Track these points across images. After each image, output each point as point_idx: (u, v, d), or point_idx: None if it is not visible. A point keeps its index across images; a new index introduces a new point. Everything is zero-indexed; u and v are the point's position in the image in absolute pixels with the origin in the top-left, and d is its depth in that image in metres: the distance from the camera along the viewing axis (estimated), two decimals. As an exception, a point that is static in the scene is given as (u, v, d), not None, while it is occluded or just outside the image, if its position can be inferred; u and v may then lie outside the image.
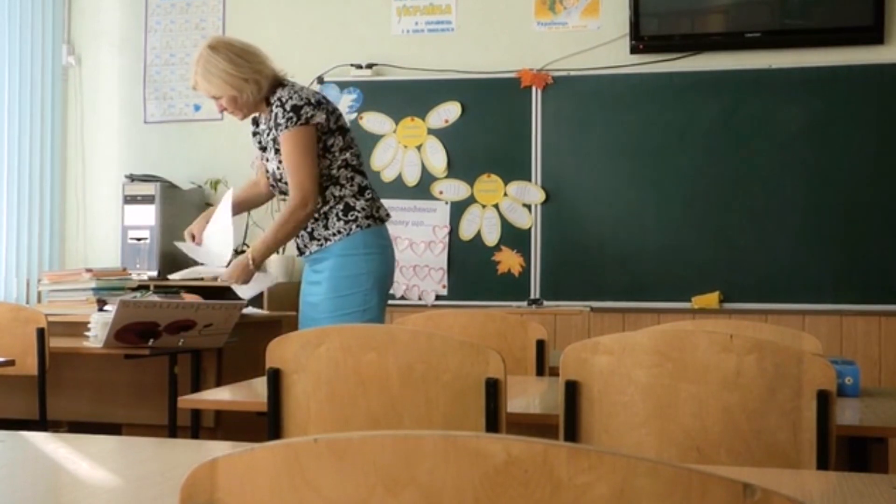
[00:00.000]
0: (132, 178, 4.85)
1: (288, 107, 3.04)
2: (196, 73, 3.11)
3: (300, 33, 4.98)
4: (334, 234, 3.09)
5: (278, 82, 3.14)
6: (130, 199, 4.76)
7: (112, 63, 5.26)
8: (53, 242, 5.11)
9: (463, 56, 4.78)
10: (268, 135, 3.16)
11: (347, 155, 3.14)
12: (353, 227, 3.09)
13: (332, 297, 3.08)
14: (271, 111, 3.10)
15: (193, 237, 3.21)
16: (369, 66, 4.83)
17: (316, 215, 3.10)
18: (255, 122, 3.31)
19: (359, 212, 3.11)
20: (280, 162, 3.09)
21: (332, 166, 3.09)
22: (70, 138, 5.28)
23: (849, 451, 1.85)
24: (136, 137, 5.19)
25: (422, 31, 4.88)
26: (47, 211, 5.06)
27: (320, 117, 3.05)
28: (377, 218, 3.15)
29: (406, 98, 4.77)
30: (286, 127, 3.03)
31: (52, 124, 5.11)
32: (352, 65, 4.85)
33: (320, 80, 4.83)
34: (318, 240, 3.11)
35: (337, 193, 3.10)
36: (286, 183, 3.09)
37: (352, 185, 3.13)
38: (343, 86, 4.83)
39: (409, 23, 4.89)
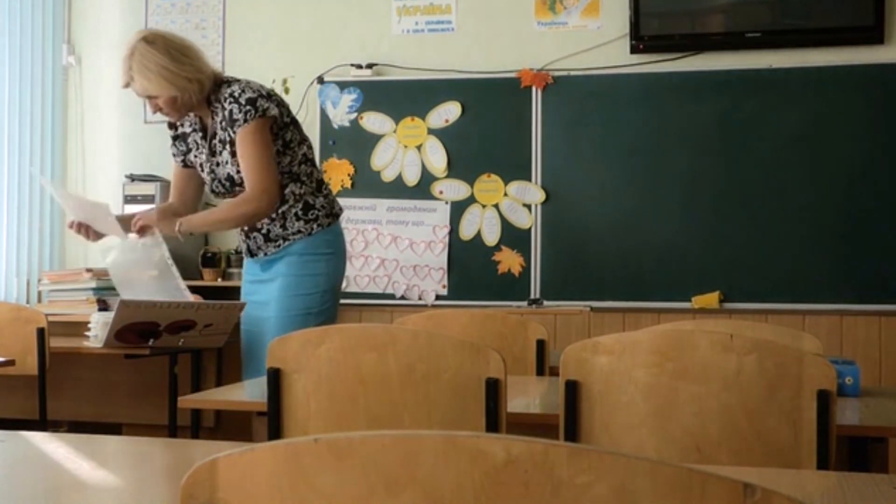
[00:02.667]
0: (132, 178, 4.85)
1: (243, 101, 2.87)
2: (130, 70, 2.87)
3: (300, 33, 4.98)
4: (294, 234, 2.98)
5: (219, 80, 2.97)
6: (130, 199, 4.75)
7: (112, 63, 5.25)
8: (53, 242, 5.11)
9: (463, 56, 4.78)
10: (214, 138, 2.99)
11: (305, 148, 3.05)
12: (314, 226, 2.99)
13: (288, 295, 2.97)
14: (216, 111, 2.95)
15: (83, 226, 3.01)
16: (369, 66, 4.83)
17: (273, 215, 2.97)
18: (173, 126, 3.12)
19: (319, 210, 3.01)
20: (235, 163, 2.93)
21: (293, 162, 2.99)
22: (70, 138, 5.28)
23: (849, 451, 1.85)
24: (136, 137, 5.19)
25: (422, 31, 4.88)
26: (47, 211, 5.06)
27: (274, 110, 2.90)
28: (335, 214, 3.07)
29: (406, 98, 4.77)
30: (245, 121, 2.85)
31: (52, 124, 5.11)
32: (352, 65, 4.85)
33: (320, 80, 4.83)
34: (276, 241, 2.99)
35: (297, 191, 2.99)
36: (242, 185, 2.92)
37: (311, 182, 3.03)
38: (343, 86, 4.83)
39: (409, 23, 4.89)
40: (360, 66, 4.83)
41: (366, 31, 4.91)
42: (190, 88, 2.89)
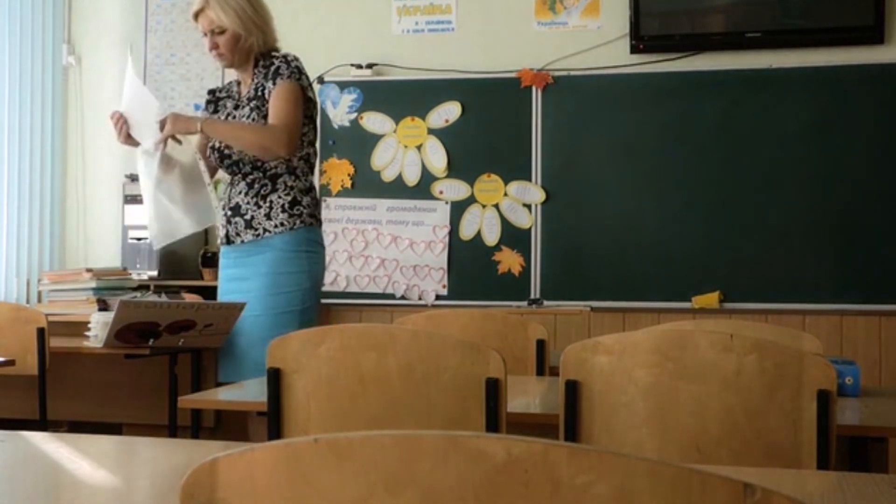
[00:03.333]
0: (132, 178, 4.85)
1: (293, 65, 2.99)
2: None
3: (300, 33, 4.98)
4: (276, 227, 2.98)
5: (272, 48, 3.09)
6: (130, 199, 4.75)
7: (112, 63, 5.25)
8: (53, 242, 5.11)
9: (463, 56, 4.78)
10: (245, 94, 3.05)
11: (311, 150, 3.09)
12: (297, 221, 3.00)
13: (269, 294, 2.97)
14: (258, 74, 3.02)
15: (122, 120, 2.99)
16: (369, 66, 4.83)
17: (260, 202, 2.99)
18: (212, 92, 3.23)
19: (304, 208, 3.03)
20: (252, 117, 2.98)
21: (295, 153, 3.03)
22: (70, 138, 5.28)
23: (849, 451, 1.85)
24: (136, 137, 5.19)
25: (422, 31, 4.88)
26: (47, 211, 5.06)
27: (311, 93, 3.03)
28: (318, 220, 3.09)
29: (406, 98, 4.77)
30: (288, 77, 2.95)
31: (52, 124, 5.11)
32: (352, 65, 4.85)
33: (320, 80, 4.83)
34: (256, 230, 2.99)
35: (289, 183, 3.01)
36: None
37: (304, 180, 3.06)
38: (343, 86, 4.83)
39: (410, 23, 4.89)
40: (360, 66, 4.83)
41: (366, 31, 4.91)
42: (256, 34, 3.00)
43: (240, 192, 3.05)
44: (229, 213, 3.06)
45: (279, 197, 3.00)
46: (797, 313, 4.32)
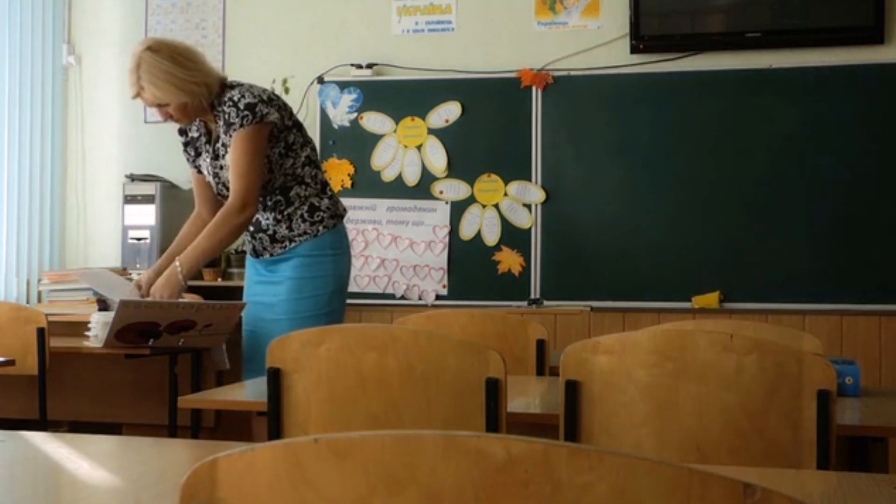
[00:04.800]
0: (132, 178, 4.85)
1: (241, 105, 2.88)
2: (139, 80, 2.87)
3: (300, 33, 4.98)
4: (300, 236, 2.99)
5: (223, 84, 2.98)
6: (130, 199, 4.76)
7: (112, 63, 5.25)
8: (53, 242, 5.11)
9: (463, 56, 4.78)
10: (217, 142, 3.00)
11: (308, 150, 3.06)
12: (320, 227, 3.00)
13: (295, 298, 2.97)
14: (219, 115, 2.95)
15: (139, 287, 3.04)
16: (369, 66, 4.83)
17: (279, 217, 2.99)
18: (183, 132, 3.14)
19: (324, 211, 3.02)
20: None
21: (296, 164, 3.00)
22: (70, 138, 5.28)
23: (849, 451, 1.85)
24: (136, 137, 5.19)
25: (422, 31, 4.88)
26: (47, 211, 5.06)
27: (274, 115, 2.91)
28: (340, 216, 3.08)
29: (406, 98, 4.77)
30: (240, 126, 2.86)
31: (52, 124, 5.10)
32: (352, 65, 4.85)
33: (320, 80, 4.83)
34: (282, 242, 3.00)
35: (302, 193, 3.00)
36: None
37: (315, 184, 3.04)
38: (343, 86, 4.83)
39: (409, 23, 4.89)
40: (360, 66, 4.83)
41: (366, 31, 4.91)
42: (199, 93, 2.90)
43: (258, 210, 3.04)
44: (251, 228, 3.05)
45: (296, 209, 3.00)
46: (797, 313, 4.32)
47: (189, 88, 2.88)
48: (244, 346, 3.13)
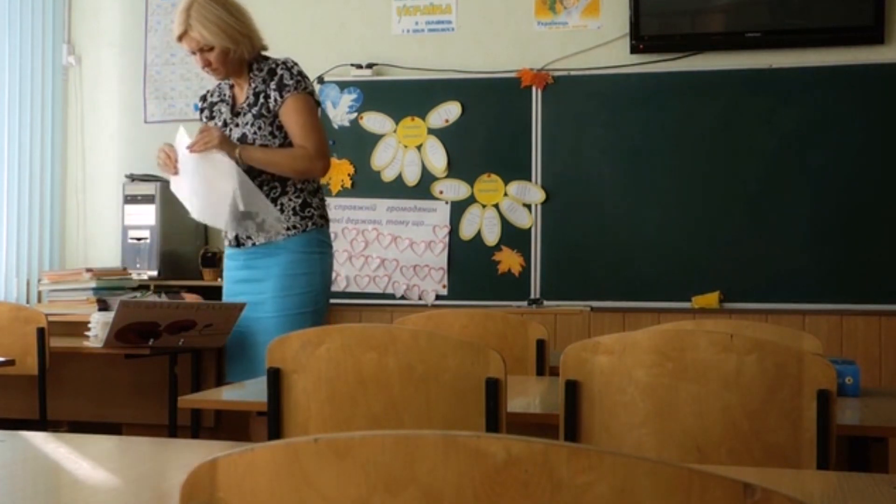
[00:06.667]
0: (132, 178, 4.85)
1: (295, 71, 2.98)
2: (188, 19, 2.91)
3: (300, 33, 4.98)
4: (288, 229, 2.99)
5: (263, 50, 3.07)
6: (130, 199, 4.76)
7: (112, 63, 5.26)
8: (53, 242, 5.11)
9: (463, 56, 4.78)
10: (243, 101, 3.02)
11: None
12: (309, 223, 3.01)
13: (283, 295, 2.97)
14: (255, 77, 3.00)
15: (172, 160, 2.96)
16: (369, 66, 4.83)
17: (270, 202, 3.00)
18: (203, 98, 3.21)
19: (314, 209, 3.04)
20: (257, 124, 2.97)
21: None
22: (70, 138, 5.28)
23: (849, 451, 1.85)
24: (136, 137, 5.19)
25: (422, 31, 4.88)
26: (47, 211, 5.06)
27: (318, 97, 3.05)
28: (327, 218, 3.10)
29: (406, 98, 4.77)
30: (295, 89, 2.95)
31: (52, 124, 5.11)
32: (352, 65, 4.85)
33: (320, 80, 4.83)
34: (268, 233, 2.99)
35: (299, 185, 3.02)
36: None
37: (313, 182, 3.07)
38: (343, 86, 4.83)
39: (410, 22, 4.89)
40: (360, 66, 4.83)
41: (366, 31, 4.91)
42: (243, 43, 2.96)
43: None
44: (240, 216, 3.04)
45: (289, 200, 3.00)
46: (797, 313, 4.32)
47: (235, 36, 2.94)
48: (228, 345, 3.13)
